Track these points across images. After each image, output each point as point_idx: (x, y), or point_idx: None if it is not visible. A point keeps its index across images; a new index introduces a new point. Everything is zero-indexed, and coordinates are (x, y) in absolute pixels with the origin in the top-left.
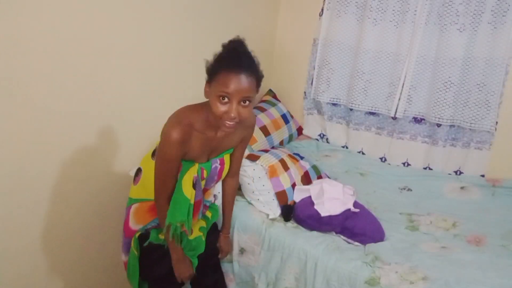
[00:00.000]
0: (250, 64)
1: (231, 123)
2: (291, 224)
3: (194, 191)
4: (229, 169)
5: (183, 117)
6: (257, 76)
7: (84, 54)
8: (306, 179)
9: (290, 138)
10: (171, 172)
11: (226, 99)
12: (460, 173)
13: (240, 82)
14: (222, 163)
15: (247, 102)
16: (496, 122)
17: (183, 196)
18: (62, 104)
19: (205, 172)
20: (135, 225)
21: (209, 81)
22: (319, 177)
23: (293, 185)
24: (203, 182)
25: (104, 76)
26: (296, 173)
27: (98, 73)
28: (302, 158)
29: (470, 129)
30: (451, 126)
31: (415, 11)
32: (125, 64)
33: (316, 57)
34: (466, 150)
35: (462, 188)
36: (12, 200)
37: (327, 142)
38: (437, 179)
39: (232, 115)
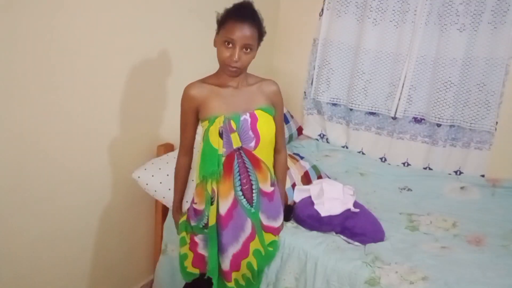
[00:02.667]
0: (254, 17)
1: (234, 66)
2: (291, 224)
3: (221, 141)
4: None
5: (195, 81)
6: (259, 29)
7: (84, 54)
8: (306, 179)
9: (290, 138)
10: (185, 124)
11: (230, 45)
12: (460, 173)
13: (243, 29)
14: (253, 117)
15: (249, 49)
16: (496, 122)
17: (211, 147)
18: (62, 104)
19: (233, 124)
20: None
21: (217, 31)
22: (319, 177)
23: (293, 185)
24: (235, 136)
25: (104, 75)
26: (296, 173)
27: (99, 73)
28: (302, 158)
29: (470, 129)
30: (451, 126)
31: (415, 11)
32: (126, 63)
33: (316, 57)
34: (466, 150)
35: (462, 188)
36: (12, 200)
37: (327, 142)
38: (437, 179)
39: (235, 58)
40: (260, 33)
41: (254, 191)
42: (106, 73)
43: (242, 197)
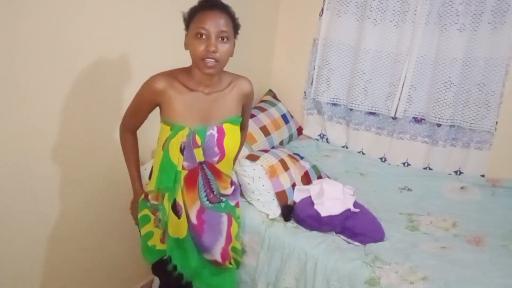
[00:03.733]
0: (224, 6)
1: (212, 60)
2: (291, 224)
3: (181, 157)
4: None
5: (166, 71)
6: (232, 18)
7: (84, 53)
8: (306, 179)
9: (290, 138)
10: (138, 110)
11: (204, 37)
12: (460, 173)
13: (215, 17)
14: (220, 132)
15: (225, 39)
16: (496, 122)
17: (170, 162)
18: (62, 103)
19: (198, 138)
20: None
21: (187, 30)
22: (319, 177)
23: (293, 185)
24: (198, 151)
25: (104, 75)
26: (296, 173)
27: (99, 73)
28: (302, 158)
29: (470, 129)
30: (451, 126)
31: (415, 11)
32: (125, 63)
33: (316, 57)
34: (466, 150)
35: (462, 188)
36: (12, 200)
37: (327, 142)
38: (437, 179)
39: (212, 48)
40: (234, 23)
41: (218, 195)
42: (106, 72)
43: (209, 203)
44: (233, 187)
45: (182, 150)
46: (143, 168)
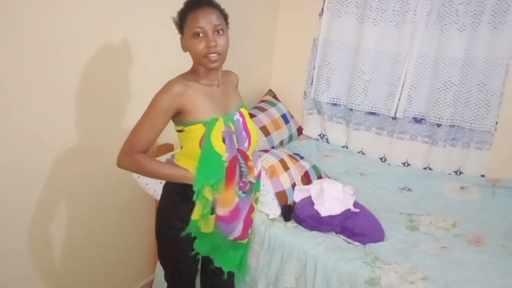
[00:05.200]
0: (210, 1)
1: (214, 55)
2: (291, 224)
3: (224, 146)
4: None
5: (176, 77)
6: (221, 11)
7: (85, 53)
8: (306, 179)
9: (290, 138)
10: (155, 124)
11: (201, 35)
12: (460, 173)
13: (207, 14)
14: (242, 116)
15: (221, 31)
16: (496, 122)
17: (215, 153)
18: (63, 103)
19: (231, 125)
20: None
21: (181, 33)
22: (319, 177)
23: (293, 185)
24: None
25: (104, 75)
26: (296, 173)
27: (99, 72)
28: (302, 158)
29: (470, 129)
30: (451, 126)
31: (415, 11)
32: (126, 63)
33: (316, 57)
34: (466, 150)
35: (462, 188)
36: (12, 200)
37: (327, 142)
38: (437, 179)
39: (212, 43)
40: (224, 16)
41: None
42: (107, 72)
43: (242, 193)
44: (258, 168)
45: (224, 140)
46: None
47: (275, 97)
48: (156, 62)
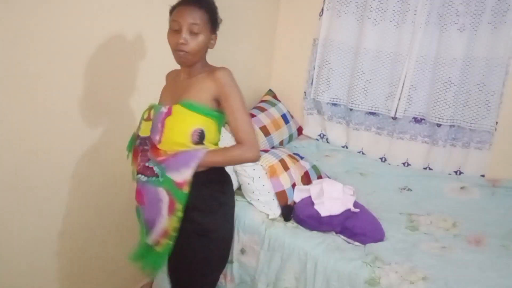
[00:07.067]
0: (200, 1)
1: (181, 52)
2: (291, 224)
3: (139, 125)
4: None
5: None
6: (210, 14)
7: (85, 53)
8: (306, 179)
9: (290, 138)
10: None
11: (177, 29)
12: (460, 173)
13: (187, 11)
14: (169, 112)
15: (196, 32)
16: (496, 122)
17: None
18: (63, 103)
19: (152, 113)
20: None
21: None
22: (319, 177)
23: (293, 185)
24: (148, 124)
25: (105, 75)
26: (296, 173)
27: (99, 72)
28: (302, 158)
29: (470, 129)
30: (451, 126)
31: (415, 11)
32: (126, 63)
33: (316, 57)
34: (466, 150)
35: (462, 188)
36: (12, 200)
37: (327, 142)
38: (437, 179)
39: (181, 40)
40: (212, 18)
41: (150, 165)
42: (107, 72)
43: (145, 179)
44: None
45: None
46: None
47: (275, 97)
48: (156, 62)
